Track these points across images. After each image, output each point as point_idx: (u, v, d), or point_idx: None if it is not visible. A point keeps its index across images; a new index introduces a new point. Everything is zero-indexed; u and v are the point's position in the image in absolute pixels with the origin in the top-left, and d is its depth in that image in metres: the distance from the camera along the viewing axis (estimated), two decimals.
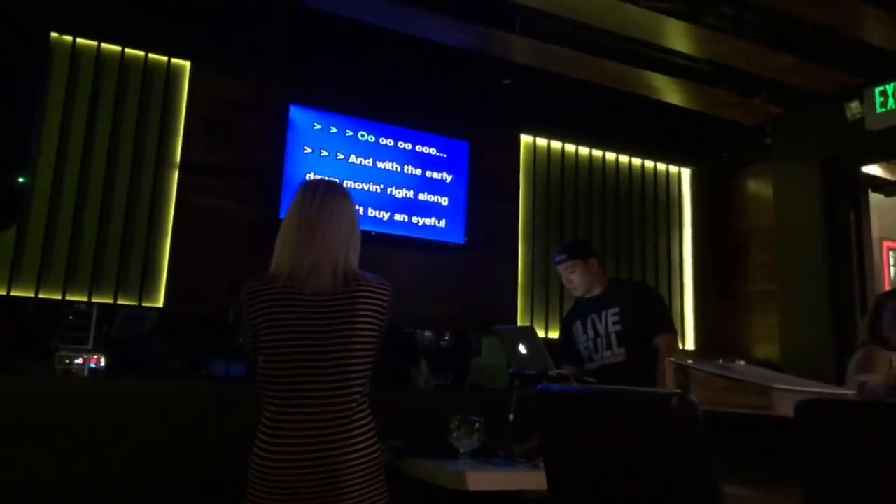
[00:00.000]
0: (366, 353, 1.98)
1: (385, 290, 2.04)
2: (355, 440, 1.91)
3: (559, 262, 3.43)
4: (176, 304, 3.94)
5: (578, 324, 3.41)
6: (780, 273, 4.93)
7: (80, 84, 3.87)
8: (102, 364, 3.57)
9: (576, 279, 3.38)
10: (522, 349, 3.00)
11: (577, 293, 3.44)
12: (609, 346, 3.28)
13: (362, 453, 1.91)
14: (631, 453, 1.40)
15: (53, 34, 3.78)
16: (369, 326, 1.98)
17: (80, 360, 3.56)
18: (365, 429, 1.95)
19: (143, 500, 3.23)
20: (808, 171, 4.78)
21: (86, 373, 3.52)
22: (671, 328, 3.31)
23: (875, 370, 3.13)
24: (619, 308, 3.28)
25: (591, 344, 3.35)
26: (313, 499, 1.85)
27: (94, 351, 3.60)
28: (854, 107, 4.40)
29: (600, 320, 3.33)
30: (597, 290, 3.38)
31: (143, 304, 3.89)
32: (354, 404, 1.94)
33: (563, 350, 3.46)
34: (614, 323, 3.28)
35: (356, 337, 1.95)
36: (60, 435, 3.17)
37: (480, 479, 2.46)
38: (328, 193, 2.05)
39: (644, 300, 3.39)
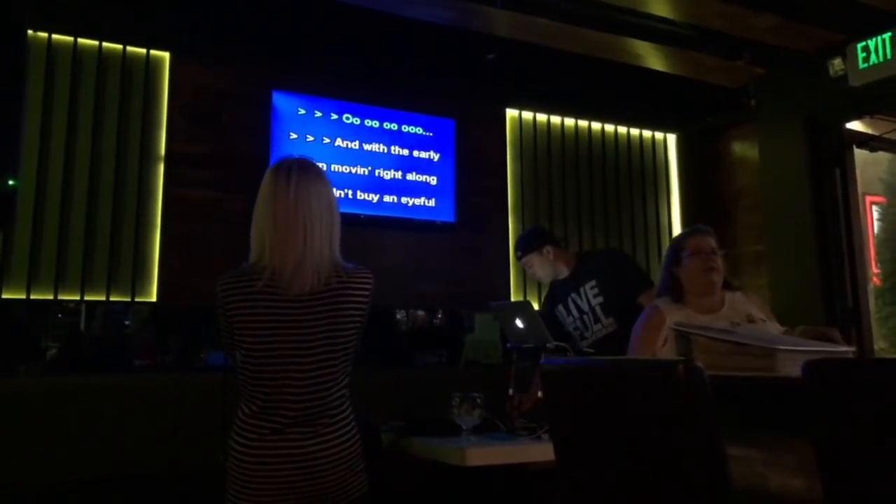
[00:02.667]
0: (349, 347, 1.95)
1: (366, 279, 1.97)
2: (336, 433, 1.89)
3: (519, 260, 3.46)
4: (169, 297, 3.91)
5: (560, 307, 3.43)
6: (768, 233, 4.96)
7: (58, 81, 3.80)
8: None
9: (538, 271, 3.42)
10: (519, 323, 3.01)
11: (547, 281, 3.47)
12: (598, 320, 3.31)
13: (343, 446, 1.90)
14: (637, 422, 1.41)
15: (29, 31, 3.69)
16: (352, 322, 1.94)
17: None
18: (345, 422, 1.93)
19: (146, 497, 3.23)
20: (793, 131, 4.78)
21: None
22: (651, 284, 3.26)
23: (642, 350, 2.49)
24: (595, 280, 3.30)
25: (579, 323, 3.37)
26: (296, 495, 1.83)
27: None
28: (837, 63, 4.39)
29: (580, 297, 3.35)
30: (566, 271, 3.40)
31: (137, 300, 3.86)
32: (337, 401, 1.92)
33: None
34: (595, 295, 3.29)
35: (339, 335, 1.91)
36: (55, 435, 3.16)
37: (482, 455, 2.49)
38: (303, 178, 1.91)
39: (618, 265, 3.41)
